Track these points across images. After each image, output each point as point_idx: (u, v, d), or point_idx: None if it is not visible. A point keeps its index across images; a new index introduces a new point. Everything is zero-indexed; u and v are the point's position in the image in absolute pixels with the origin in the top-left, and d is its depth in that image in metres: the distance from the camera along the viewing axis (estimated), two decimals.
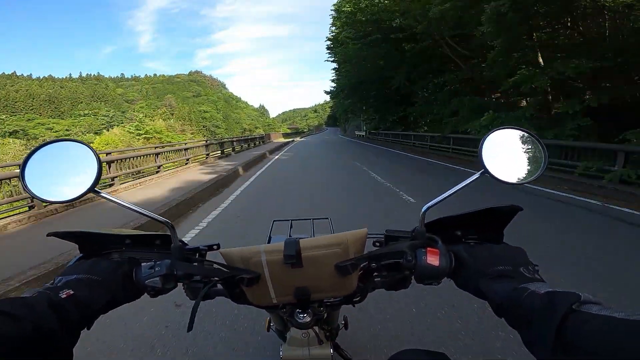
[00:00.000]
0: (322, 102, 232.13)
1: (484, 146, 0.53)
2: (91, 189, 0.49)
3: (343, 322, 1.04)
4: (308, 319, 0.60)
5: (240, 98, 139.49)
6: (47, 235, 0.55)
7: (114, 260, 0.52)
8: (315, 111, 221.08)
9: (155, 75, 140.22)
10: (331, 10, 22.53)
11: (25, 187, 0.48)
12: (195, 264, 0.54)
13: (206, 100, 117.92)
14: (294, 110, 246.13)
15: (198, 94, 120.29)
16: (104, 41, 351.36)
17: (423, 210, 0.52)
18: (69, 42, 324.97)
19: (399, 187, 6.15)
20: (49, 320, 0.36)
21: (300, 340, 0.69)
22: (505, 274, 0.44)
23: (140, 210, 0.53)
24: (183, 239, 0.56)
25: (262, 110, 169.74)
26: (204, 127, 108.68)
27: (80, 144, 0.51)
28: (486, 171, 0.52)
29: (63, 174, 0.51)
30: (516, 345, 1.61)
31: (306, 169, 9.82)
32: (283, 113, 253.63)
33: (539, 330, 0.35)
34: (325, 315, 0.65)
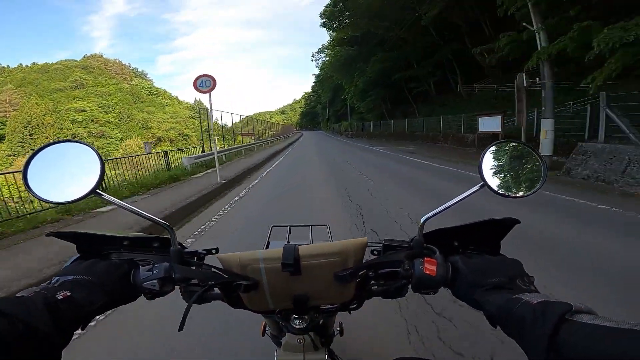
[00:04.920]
0: (291, 101, 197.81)
1: (484, 159, 0.54)
2: (93, 191, 0.48)
3: (338, 329, 0.98)
4: (304, 325, 0.60)
5: (164, 90, 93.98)
6: (46, 235, 0.56)
7: (112, 262, 0.51)
8: (283, 112, 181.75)
9: (34, 63, 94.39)
10: None
11: (27, 187, 0.46)
12: (194, 267, 0.54)
13: (93, 93, 73.66)
14: (258, 114, 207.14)
15: (80, 84, 75.45)
16: (55, 48, 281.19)
17: (422, 221, 0.53)
18: (10, 52, 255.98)
19: None
20: (43, 321, 0.36)
21: (295, 345, 0.66)
22: (501, 285, 0.45)
23: (141, 212, 0.51)
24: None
25: (198, 107, 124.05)
26: (73, 136, 66.91)
27: (83, 145, 0.49)
28: (485, 184, 0.53)
29: (66, 175, 0.50)
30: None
31: None
32: (246, 117, 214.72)
33: (531, 340, 0.35)
34: (321, 321, 0.66)
